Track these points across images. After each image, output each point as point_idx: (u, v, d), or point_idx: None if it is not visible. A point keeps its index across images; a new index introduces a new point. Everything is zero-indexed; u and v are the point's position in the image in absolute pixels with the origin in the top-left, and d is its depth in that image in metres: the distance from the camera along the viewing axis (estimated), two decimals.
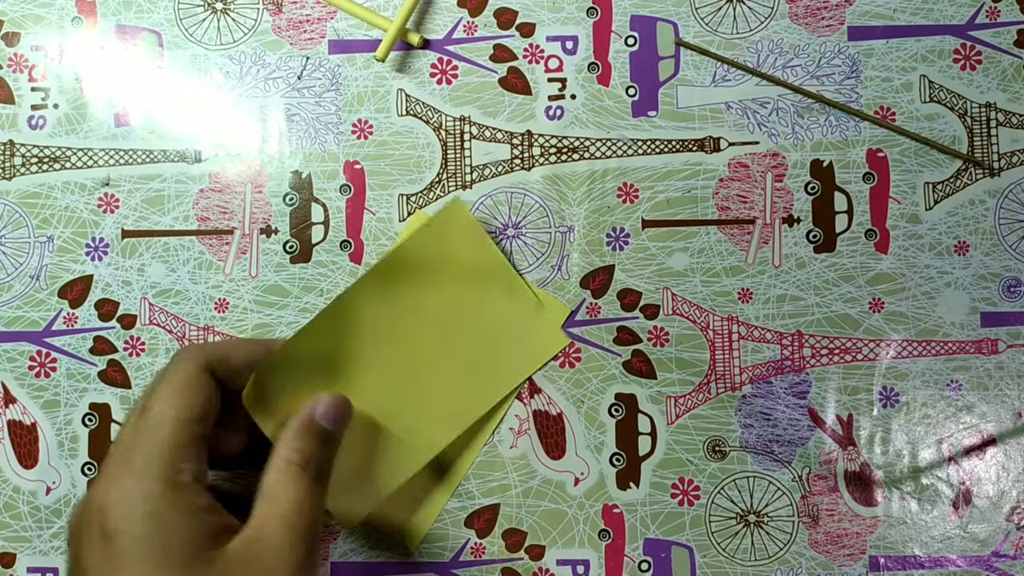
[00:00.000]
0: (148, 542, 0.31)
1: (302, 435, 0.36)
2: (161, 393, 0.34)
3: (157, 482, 0.32)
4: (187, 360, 0.35)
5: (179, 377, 0.35)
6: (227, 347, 0.37)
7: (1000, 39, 0.45)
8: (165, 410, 0.34)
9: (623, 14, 0.45)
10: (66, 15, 0.46)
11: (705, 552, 0.44)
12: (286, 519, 0.33)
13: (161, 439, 0.33)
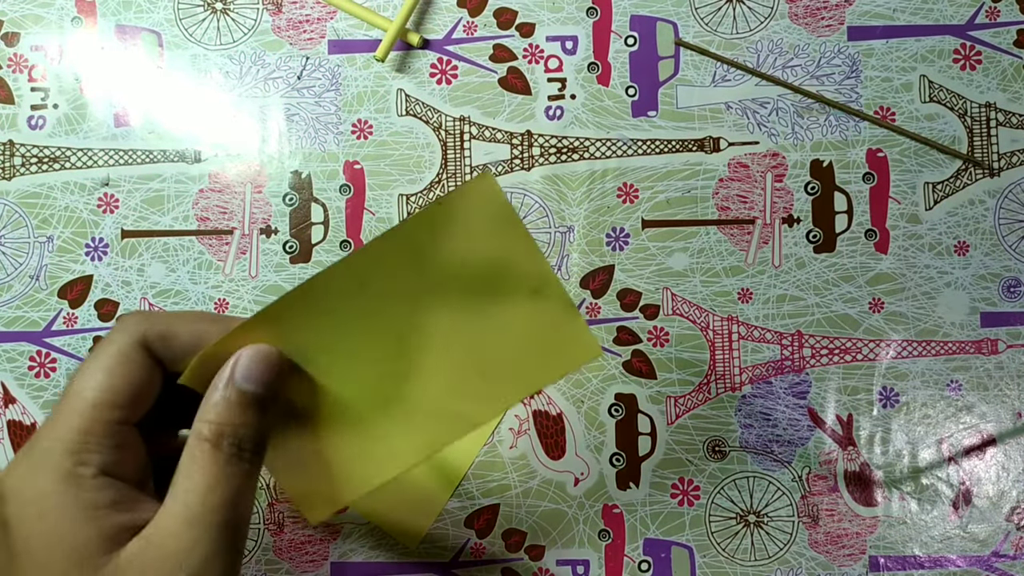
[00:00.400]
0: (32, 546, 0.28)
1: (218, 403, 0.30)
2: (84, 370, 0.30)
3: (51, 476, 0.28)
4: (121, 332, 0.30)
5: (107, 352, 0.30)
6: (173, 320, 0.31)
7: (1000, 39, 0.45)
8: (83, 390, 0.29)
9: (623, 14, 0.45)
10: (66, 15, 0.46)
11: (705, 552, 0.44)
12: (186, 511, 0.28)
13: (67, 425, 0.29)
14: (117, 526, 0.28)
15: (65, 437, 0.28)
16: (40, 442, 0.29)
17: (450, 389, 0.34)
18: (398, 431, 0.34)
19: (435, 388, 0.34)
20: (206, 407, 0.30)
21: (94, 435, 0.29)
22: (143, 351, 0.30)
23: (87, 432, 0.29)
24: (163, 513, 0.29)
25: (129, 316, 0.31)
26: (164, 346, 0.30)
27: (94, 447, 0.29)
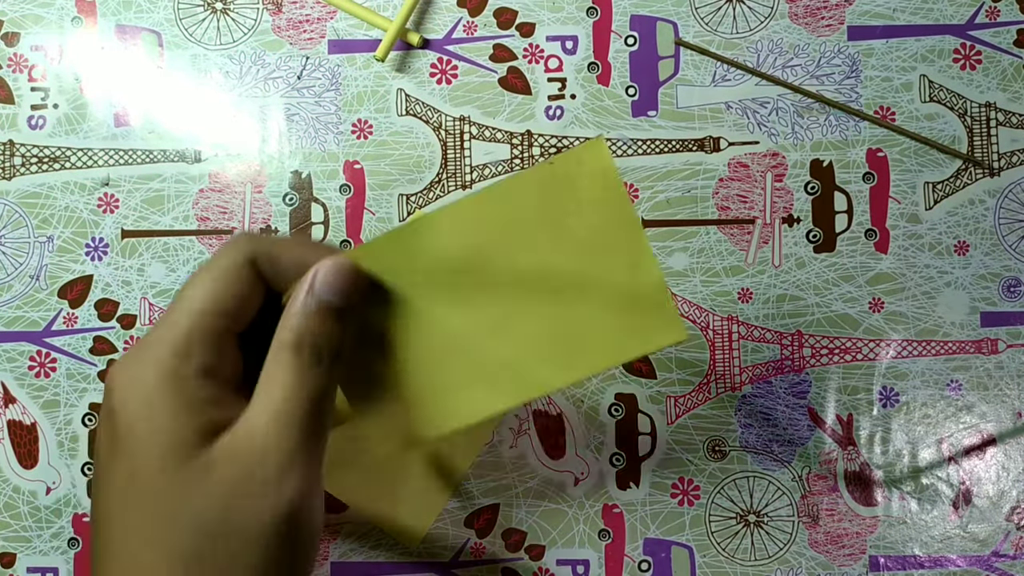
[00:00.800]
0: (138, 432, 0.30)
1: (299, 312, 0.32)
2: (195, 280, 0.32)
3: (156, 371, 0.30)
4: (231, 249, 0.32)
5: (216, 265, 0.32)
6: (279, 244, 0.33)
7: (1000, 39, 0.45)
8: (192, 297, 0.31)
9: (623, 14, 0.45)
10: (66, 15, 0.46)
11: (705, 552, 0.44)
12: (273, 409, 0.31)
13: (176, 327, 0.31)
14: (213, 422, 0.31)
15: (171, 338, 0.31)
16: (148, 341, 0.31)
17: (531, 349, 0.34)
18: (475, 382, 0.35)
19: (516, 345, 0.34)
20: (288, 316, 0.32)
21: (197, 338, 0.31)
22: (250, 268, 0.32)
23: (191, 335, 0.31)
24: (250, 411, 0.31)
25: (240, 235, 0.33)
26: (269, 265, 0.33)
27: (196, 349, 0.31)
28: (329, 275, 0.32)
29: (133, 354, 0.32)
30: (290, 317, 0.32)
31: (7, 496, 0.45)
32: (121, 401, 0.31)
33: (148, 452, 0.30)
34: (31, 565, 0.45)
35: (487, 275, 0.34)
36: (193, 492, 0.30)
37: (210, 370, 0.31)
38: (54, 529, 0.45)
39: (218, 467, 0.30)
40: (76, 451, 0.45)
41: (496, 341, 0.35)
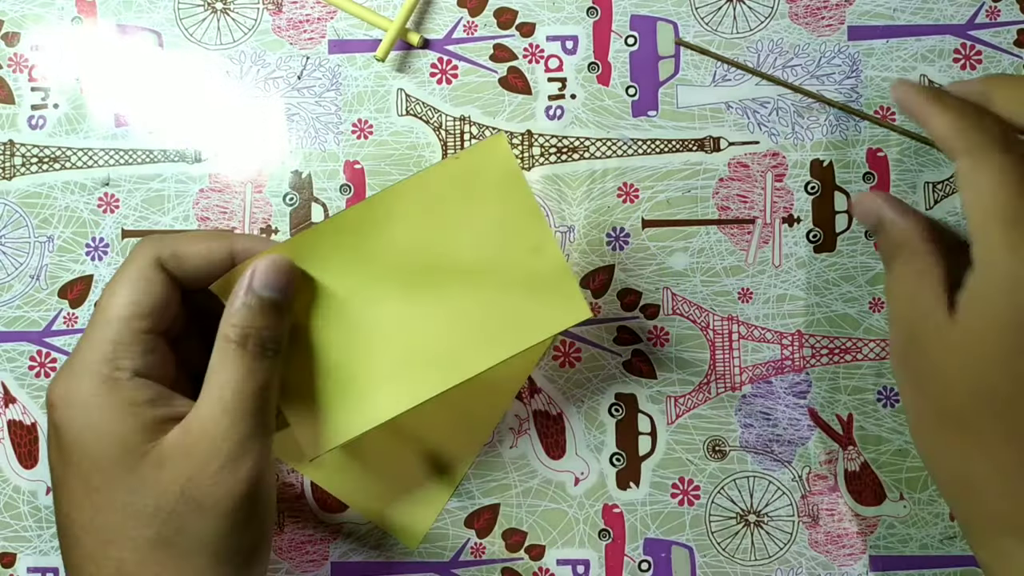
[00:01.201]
0: (84, 441, 0.32)
1: (240, 308, 0.34)
2: (110, 288, 0.34)
3: (91, 379, 0.32)
4: (139, 254, 0.34)
5: (127, 271, 0.34)
6: (183, 241, 0.35)
7: (1000, 39, 0.45)
8: (110, 305, 0.33)
9: (623, 14, 0.45)
10: (66, 15, 0.46)
11: (705, 552, 0.44)
12: (222, 401, 0.33)
13: (101, 335, 0.33)
14: (156, 418, 0.33)
15: (100, 347, 0.33)
16: (79, 355, 0.33)
17: (449, 337, 0.36)
18: (398, 373, 0.36)
19: (435, 334, 0.36)
20: (230, 312, 0.34)
21: (124, 343, 0.33)
22: (159, 269, 0.34)
23: (118, 341, 0.33)
24: (200, 404, 0.33)
25: (145, 240, 0.35)
26: (176, 264, 0.35)
27: (125, 353, 0.33)
28: (268, 272, 0.34)
29: (66, 369, 0.33)
30: (232, 314, 0.34)
31: (7, 496, 0.45)
32: (63, 414, 0.33)
33: (97, 457, 0.32)
34: (31, 565, 0.45)
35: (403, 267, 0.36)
36: (150, 486, 0.32)
37: (143, 371, 0.33)
38: (54, 529, 0.45)
39: (172, 460, 0.32)
40: None
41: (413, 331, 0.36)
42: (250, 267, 0.34)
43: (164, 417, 0.33)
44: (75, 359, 0.33)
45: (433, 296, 0.36)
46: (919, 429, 0.33)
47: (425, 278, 0.36)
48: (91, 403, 0.32)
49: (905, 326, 0.33)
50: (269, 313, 0.34)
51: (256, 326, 0.34)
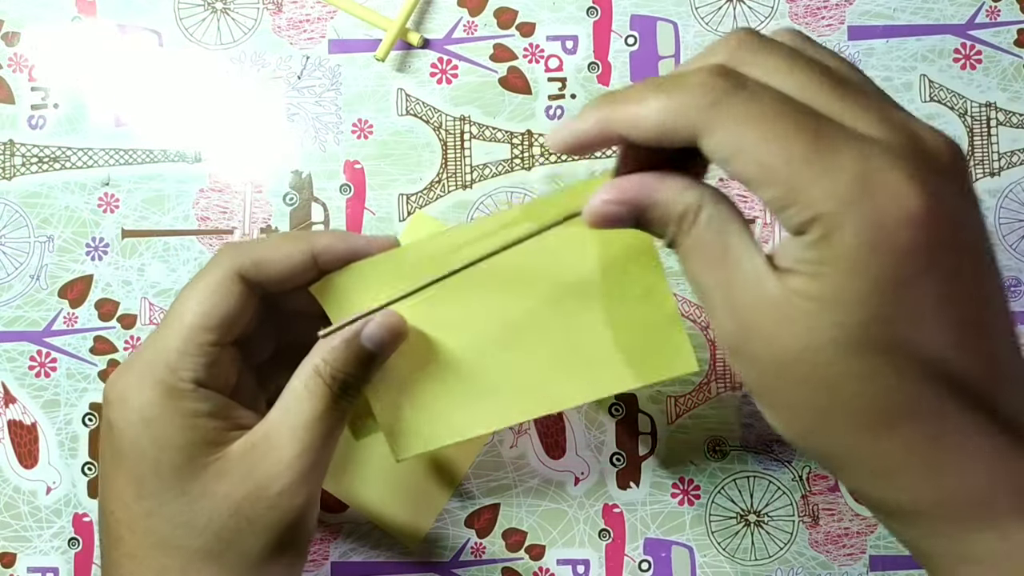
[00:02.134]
0: (141, 446, 0.32)
1: (340, 349, 0.34)
2: (185, 295, 0.34)
3: (154, 388, 0.32)
4: (218, 264, 0.34)
5: (205, 281, 0.34)
6: (264, 248, 0.35)
7: (1000, 38, 0.45)
8: (183, 313, 0.33)
9: (623, 14, 0.45)
10: (66, 15, 0.46)
11: (705, 552, 0.44)
12: (294, 432, 0.33)
13: (169, 343, 0.33)
14: (216, 430, 0.33)
15: (165, 354, 0.33)
16: (143, 356, 0.33)
17: (546, 368, 0.35)
18: (492, 395, 0.36)
19: (532, 363, 0.36)
20: (328, 348, 0.34)
21: (190, 354, 0.33)
22: (238, 280, 0.34)
23: (183, 351, 0.33)
24: (272, 423, 0.33)
25: (226, 248, 0.35)
26: (257, 272, 0.34)
27: (190, 364, 0.33)
28: (382, 331, 0.35)
29: (129, 368, 0.33)
30: (329, 351, 0.34)
31: (7, 496, 0.45)
32: (120, 415, 0.33)
33: (154, 464, 0.32)
34: (31, 565, 0.45)
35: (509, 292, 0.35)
36: (206, 499, 0.32)
37: (205, 382, 0.33)
38: (54, 529, 0.45)
39: (231, 476, 0.32)
40: (76, 451, 0.45)
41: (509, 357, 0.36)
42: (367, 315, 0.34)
43: (224, 428, 0.33)
44: (138, 360, 0.33)
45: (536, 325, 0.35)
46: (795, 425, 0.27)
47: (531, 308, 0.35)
48: (151, 411, 0.32)
49: (726, 303, 0.27)
50: (366, 365, 0.34)
51: (349, 372, 0.34)
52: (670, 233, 0.28)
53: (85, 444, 0.45)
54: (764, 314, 0.26)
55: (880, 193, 0.24)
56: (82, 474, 0.45)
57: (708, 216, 0.27)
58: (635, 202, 0.29)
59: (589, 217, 0.29)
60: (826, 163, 0.24)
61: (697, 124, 0.25)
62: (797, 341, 0.25)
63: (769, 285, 0.26)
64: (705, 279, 0.27)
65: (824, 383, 0.25)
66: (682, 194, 0.28)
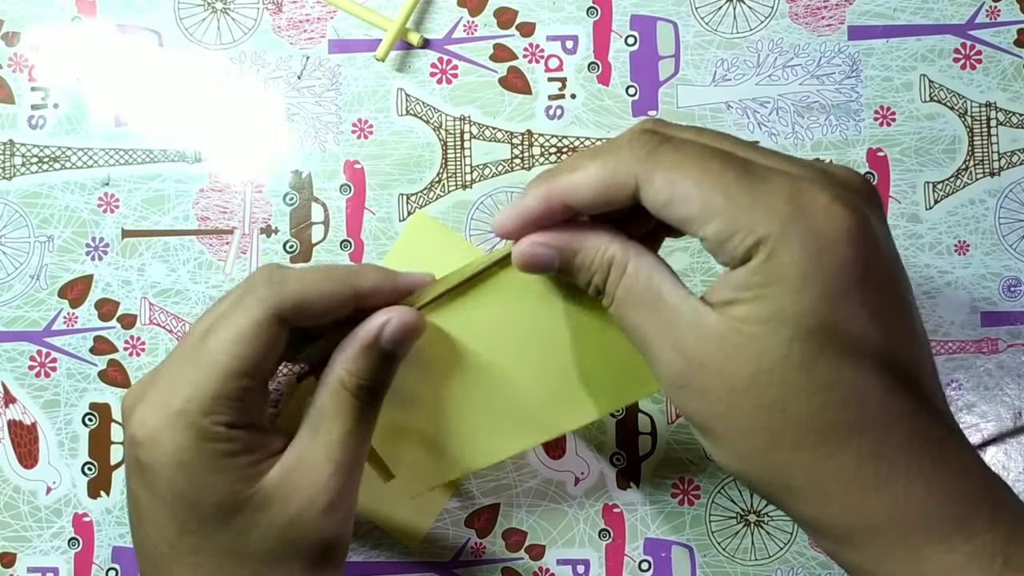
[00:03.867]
0: (178, 487, 0.32)
1: (362, 356, 0.33)
2: (222, 333, 0.32)
3: (188, 432, 0.31)
4: (259, 302, 0.32)
5: (243, 323, 0.32)
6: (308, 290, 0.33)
7: (1000, 38, 0.45)
8: (218, 354, 0.32)
9: (623, 14, 0.45)
10: (66, 15, 0.46)
11: (705, 552, 0.44)
12: (328, 448, 0.33)
13: (204, 387, 0.32)
14: (251, 464, 0.32)
15: (199, 399, 0.32)
16: (170, 391, 0.32)
17: (544, 399, 0.36)
18: (494, 428, 0.37)
19: (531, 395, 0.37)
20: (350, 358, 0.33)
21: (225, 398, 0.32)
22: (276, 323, 0.33)
23: (219, 396, 0.32)
24: (305, 446, 0.33)
25: (263, 284, 0.33)
26: (297, 314, 0.33)
27: (225, 408, 0.32)
28: (401, 331, 0.34)
29: (155, 403, 0.32)
30: (352, 360, 0.33)
31: (7, 496, 0.45)
32: (153, 458, 0.32)
33: (194, 505, 0.32)
34: (31, 565, 0.45)
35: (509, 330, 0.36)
36: (251, 530, 0.32)
37: (239, 423, 0.33)
38: (54, 529, 0.45)
39: (273, 504, 0.32)
40: (76, 451, 0.45)
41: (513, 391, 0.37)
42: (383, 316, 0.33)
43: (258, 461, 0.33)
44: (168, 398, 0.32)
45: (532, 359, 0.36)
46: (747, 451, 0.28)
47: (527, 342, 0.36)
48: (186, 455, 0.32)
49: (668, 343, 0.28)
50: (389, 368, 0.34)
51: (374, 379, 0.34)
52: (596, 281, 0.30)
53: (85, 444, 0.45)
54: (711, 347, 0.27)
55: (814, 212, 0.26)
56: (82, 474, 0.45)
57: (636, 265, 0.29)
58: (563, 246, 0.30)
59: (517, 258, 0.31)
60: (758, 190, 0.26)
61: (637, 174, 0.28)
62: (748, 367, 0.27)
63: (710, 320, 0.27)
64: (643, 325, 0.29)
65: (777, 403, 0.27)
66: (610, 243, 0.30)
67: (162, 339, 0.45)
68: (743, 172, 0.27)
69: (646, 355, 0.29)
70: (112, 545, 0.45)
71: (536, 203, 0.30)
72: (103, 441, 0.45)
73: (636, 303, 0.29)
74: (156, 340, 0.45)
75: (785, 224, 0.26)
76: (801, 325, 0.26)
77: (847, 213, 0.26)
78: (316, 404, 0.34)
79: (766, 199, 0.26)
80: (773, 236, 0.26)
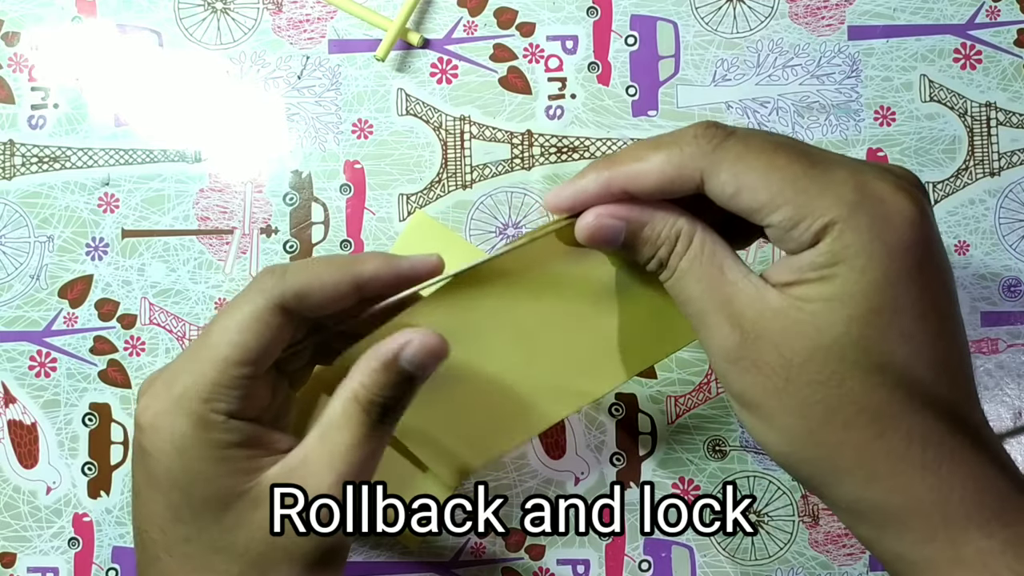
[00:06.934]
0: (174, 475, 0.32)
1: (379, 372, 0.33)
2: (224, 323, 0.32)
3: (186, 418, 0.32)
4: (260, 292, 0.33)
5: (244, 312, 0.32)
6: (309, 279, 0.33)
7: (1000, 38, 0.45)
8: (219, 343, 0.32)
9: (623, 14, 0.45)
10: (66, 15, 0.46)
11: (705, 552, 0.44)
12: (331, 459, 0.32)
13: (204, 373, 0.32)
14: (249, 458, 0.32)
15: (199, 385, 0.32)
16: (175, 380, 0.32)
17: (570, 367, 0.36)
18: (525, 404, 0.37)
19: (557, 366, 0.37)
20: (367, 372, 0.33)
21: (224, 386, 0.32)
22: (278, 313, 0.33)
23: (218, 383, 0.32)
24: (309, 451, 0.33)
25: (266, 276, 0.33)
26: (299, 303, 0.33)
27: (224, 396, 0.32)
28: (423, 353, 0.33)
29: (160, 393, 0.33)
30: (368, 375, 0.33)
31: (7, 496, 0.45)
32: (153, 443, 0.32)
33: (188, 494, 0.32)
34: (31, 565, 0.45)
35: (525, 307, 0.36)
36: (242, 527, 0.32)
37: (239, 414, 0.32)
38: (54, 529, 0.45)
39: (267, 504, 0.32)
40: (76, 451, 0.45)
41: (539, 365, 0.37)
42: (405, 336, 0.33)
43: (257, 455, 0.33)
44: (171, 384, 0.32)
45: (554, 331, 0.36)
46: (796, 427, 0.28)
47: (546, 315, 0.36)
48: (183, 441, 0.32)
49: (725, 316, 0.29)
50: (406, 388, 0.33)
51: (389, 396, 0.33)
52: (660, 254, 0.31)
53: (85, 444, 0.45)
54: (770, 321, 0.28)
55: (880, 199, 0.27)
56: (82, 474, 0.45)
57: (701, 240, 0.30)
58: (633, 218, 0.31)
59: (583, 229, 0.31)
60: (826, 179, 0.28)
61: (703, 168, 0.29)
62: (807, 341, 0.28)
63: (771, 296, 0.28)
64: (703, 297, 0.30)
65: (833, 379, 0.27)
66: (677, 219, 0.30)
67: (162, 339, 0.45)
68: (809, 164, 0.28)
69: (700, 328, 0.30)
70: (112, 545, 0.45)
71: (596, 187, 0.30)
72: (103, 441, 0.45)
73: (699, 276, 0.30)
74: (156, 340, 0.45)
75: (853, 209, 0.27)
76: (862, 304, 0.27)
77: (910, 201, 0.27)
78: (328, 411, 0.33)
79: (834, 188, 0.27)
80: (841, 220, 0.27)
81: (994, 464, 0.28)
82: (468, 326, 0.36)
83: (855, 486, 0.28)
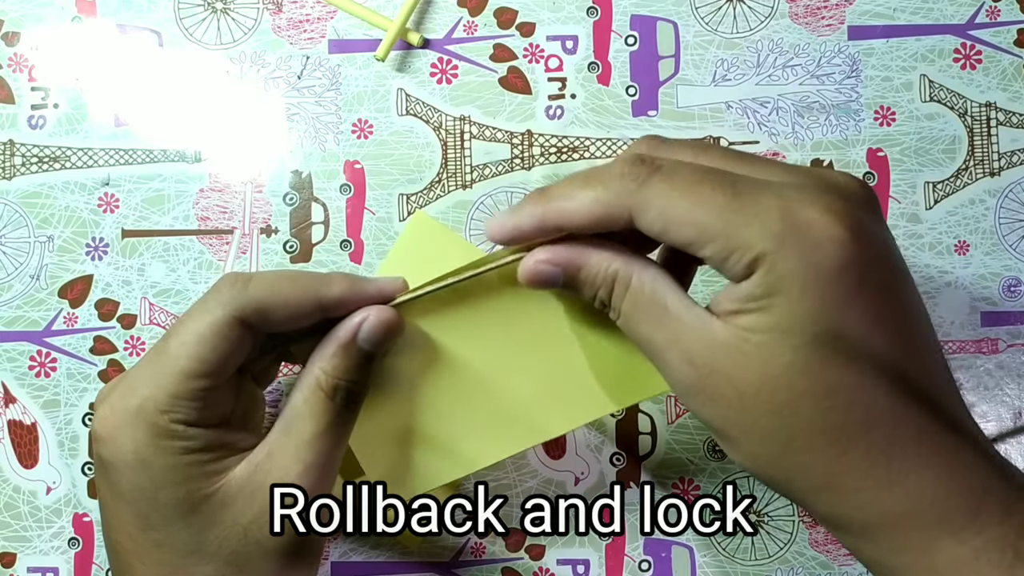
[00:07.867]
0: (139, 484, 0.32)
1: (338, 356, 0.33)
2: (182, 334, 0.32)
3: (145, 428, 0.32)
4: (219, 305, 0.32)
5: (202, 324, 0.32)
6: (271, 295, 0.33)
7: (1000, 38, 0.45)
8: (177, 356, 0.32)
9: (623, 14, 0.45)
10: (66, 15, 0.46)
11: (705, 552, 0.44)
12: (296, 450, 0.32)
13: (162, 386, 0.32)
14: (213, 460, 0.32)
15: (157, 398, 0.32)
16: (132, 390, 0.32)
17: (534, 401, 0.36)
18: (481, 432, 0.37)
19: (520, 398, 0.36)
20: (325, 358, 0.33)
21: (182, 398, 0.32)
22: (237, 326, 0.32)
23: (176, 396, 0.32)
24: (275, 443, 0.33)
25: (226, 286, 0.33)
26: (259, 319, 0.33)
27: (182, 408, 0.32)
28: (378, 330, 0.33)
29: (116, 402, 0.32)
30: (327, 359, 0.33)
31: (7, 496, 0.45)
32: (113, 455, 0.32)
33: (154, 501, 0.32)
34: (31, 565, 0.45)
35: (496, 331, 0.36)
36: (213, 526, 0.32)
37: (198, 422, 0.32)
38: (54, 529, 0.45)
39: (236, 501, 0.32)
40: (76, 451, 0.45)
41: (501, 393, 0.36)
42: (361, 314, 0.33)
43: (221, 457, 0.33)
44: (128, 396, 0.32)
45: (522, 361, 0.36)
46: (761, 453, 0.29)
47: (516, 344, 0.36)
48: (144, 452, 0.32)
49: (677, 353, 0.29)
50: (366, 368, 0.34)
51: (351, 379, 0.33)
52: (601, 296, 0.31)
53: (85, 444, 0.45)
54: (720, 355, 0.28)
55: (807, 225, 0.27)
56: (82, 474, 0.45)
57: (640, 279, 0.30)
58: (567, 263, 0.31)
59: (523, 275, 0.32)
60: (752, 210, 0.27)
61: (630, 207, 0.29)
62: (756, 373, 0.28)
63: (717, 329, 0.28)
64: (652, 336, 0.30)
65: (786, 408, 0.28)
66: (613, 259, 0.30)
67: None
68: (733, 194, 0.28)
69: (657, 365, 0.30)
70: None
71: (531, 224, 0.31)
72: None
73: (642, 316, 0.30)
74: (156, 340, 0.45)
75: (780, 240, 0.27)
76: (804, 332, 0.27)
77: (837, 222, 0.27)
78: (290, 403, 0.33)
79: (759, 219, 0.27)
80: (771, 252, 0.27)
81: (969, 466, 0.28)
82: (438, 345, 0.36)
83: (826, 504, 0.29)
